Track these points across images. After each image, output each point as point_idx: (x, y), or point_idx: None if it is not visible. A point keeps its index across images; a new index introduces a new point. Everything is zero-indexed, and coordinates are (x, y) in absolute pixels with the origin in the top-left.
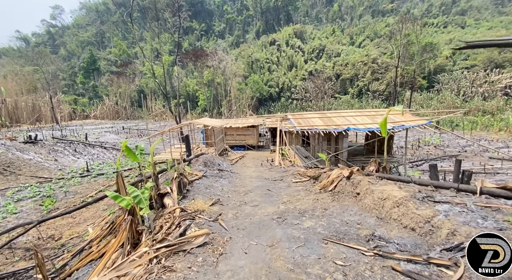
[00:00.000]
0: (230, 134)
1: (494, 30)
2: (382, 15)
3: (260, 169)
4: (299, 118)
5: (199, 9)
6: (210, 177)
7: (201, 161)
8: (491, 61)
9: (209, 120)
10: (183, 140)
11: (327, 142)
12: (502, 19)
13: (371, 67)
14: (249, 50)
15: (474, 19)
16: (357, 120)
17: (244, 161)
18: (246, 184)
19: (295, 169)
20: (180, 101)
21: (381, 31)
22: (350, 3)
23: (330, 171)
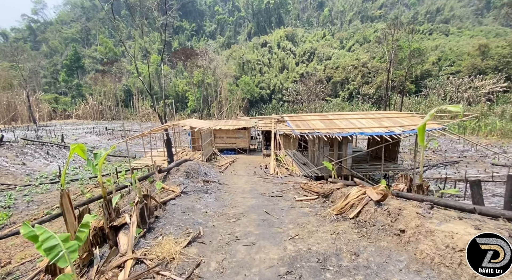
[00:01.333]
0: (220, 137)
1: (476, 38)
2: (371, 20)
3: (253, 178)
4: (297, 120)
5: (189, 9)
6: (192, 192)
7: (183, 170)
8: (475, 67)
9: (195, 121)
10: (169, 141)
11: (329, 147)
12: (482, 29)
13: (361, 71)
14: (241, 51)
15: (457, 27)
16: (362, 123)
17: (234, 167)
18: (237, 202)
19: (295, 180)
20: (169, 101)
21: (370, 36)
22: (340, 8)
23: (344, 187)
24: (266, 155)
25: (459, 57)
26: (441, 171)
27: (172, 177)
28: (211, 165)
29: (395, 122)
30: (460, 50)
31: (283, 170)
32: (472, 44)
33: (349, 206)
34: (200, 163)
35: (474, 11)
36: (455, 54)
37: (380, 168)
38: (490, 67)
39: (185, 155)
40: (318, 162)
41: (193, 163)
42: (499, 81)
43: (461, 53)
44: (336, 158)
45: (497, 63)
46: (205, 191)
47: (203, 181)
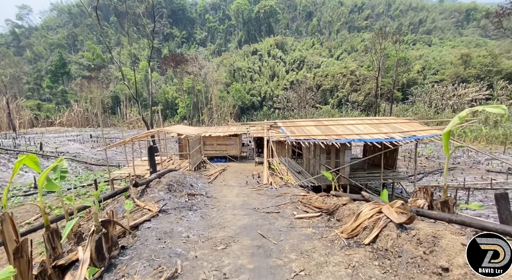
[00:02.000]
0: (210, 144)
1: (457, 48)
2: (357, 30)
3: (245, 189)
4: (291, 126)
5: (180, 16)
6: (173, 210)
7: (165, 182)
8: (458, 76)
9: (183, 128)
10: (152, 150)
11: (326, 155)
12: (463, 39)
13: (350, 78)
14: (231, 59)
15: (439, 38)
16: (360, 129)
17: (225, 176)
18: (227, 220)
19: (292, 192)
20: (159, 108)
21: (358, 45)
22: (328, 18)
23: (351, 202)
24: (258, 163)
25: (442, 66)
26: (437, 178)
27: (151, 191)
28: (199, 175)
29: (394, 128)
30: (443, 59)
31: (277, 179)
32: (454, 54)
33: (362, 228)
34: (187, 173)
35: (454, 22)
36: (439, 63)
37: (378, 176)
38: (472, 75)
39: (171, 164)
40: (314, 170)
41: (177, 174)
42: (481, 89)
43: (444, 62)
44: (333, 166)
45: (479, 71)
46: (189, 207)
47: (188, 195)
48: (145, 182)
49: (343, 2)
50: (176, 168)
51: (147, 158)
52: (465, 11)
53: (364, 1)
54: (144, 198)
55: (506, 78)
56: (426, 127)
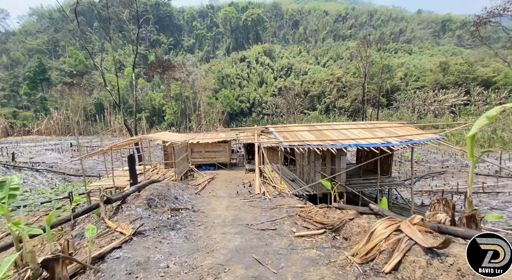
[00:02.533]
0: (198, 151)
1: (436, 57)
2: (342, 39)
3: (236, 201)
4: (284, 131)
5: (167, 23)
6: (152, 231)
7: (145, 196)
8: (438, 82)
9: (168, 134)
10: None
11: (321, 161)
12: (440, 48)
13: (336, 85)
14: (220, 66)
15: (418, 47)
16: (355, 134)
17: (214, 186)
18: (215, 242)
19: (287, 203)
20: (145, 115)
21: (343, 53)
22: (314, 27)
23: (358, 216)
24: (249, 170)
25: (423, 73)
26: (430, 182)
27: (127, 208)
28: (185, 185)
29: (389, 133)
30: (423, 67)
31: (270, 188)
32: (433, 61)
33: (378, 251)
34: (171, 184)
35: (432, 32)
36: (419, 71)
37: (375, 182)
38: (451, 82)
39: (156, 174)
40: (309, 178)
41: (161, 185)
42: (460, 95)
43: (424, 69)
44: (329, 173)
45: (456, 78)
46: (171, 226)
47: (171, 210)
48: (120, 197)
49: (328, 11)
50: (159, 179)
51: (140, 165)
52: (441, 22)
53: (347, 11)
54: (118, 216)
55: (482, 85)
56: (421, 131)
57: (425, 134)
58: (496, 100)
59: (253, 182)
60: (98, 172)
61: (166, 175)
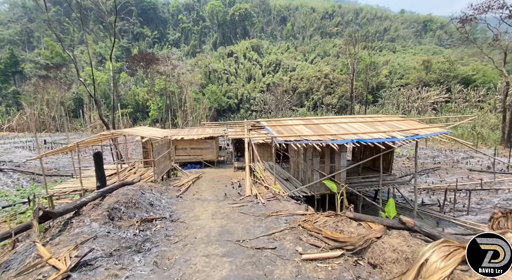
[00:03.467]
0: (182, 148)
1: (418, 55)
2: (329, 36)
3: (223, 205)
4: (277, 126)
5: (151, 15)
6: (106, 260)
7: (107, 206)
8: (421, 80)
9: (148, 129)
10: (99, 157)
11: (320, 158)
12: (422, 48)
13: (324, 82)
14: (206, 60)
15: (402, 46)
16: (355, 128)
17: (199, 186)
18: (195, 271)
19: (285, 208)
20: (128, 111)
21: (330, 50)
22: (301, 23)
23: (386, 233)
24: (238, 168)
25: (407, 71)
26: (425, 179)
27: (78, 224)
28: (165, 187)
29: (392, 127)
30: (407, 65)
31: (262, 190)
32: (416, 60)
33: None
34: (147, 187)
35: (414, 32)
36: (403, 69)
37: (376, 181)
38: (433, 80)
39: (133, 174)
40: (305, 177)
41: (132, 189)
42: (442, 93)
43: (408, 67)
44: (328, 172)
45: (438, 76)
46: (138, 246)
47: (140, 222)
48: (71, 208)
49: (315, 8)
50: (134, 180)
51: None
52: (423, 22)
53: (334, 8)
54: (62, 236)
55: (462, 83)
56: (426, 125)
57: (430, 128)
58: (475, 98)
59: (243, 182)
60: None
61: (145, 175)
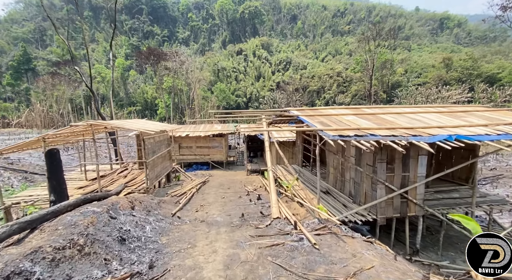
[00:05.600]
0: (188, 147)
1: (435, 54)
2: (341, 35)
3: (242, 238)
4: (317, 116)
5: (161, 14)
6: None
7: (18, 257)
8: (441, 79)
9: (139, 122)
10: (53, 156)
11: (387, 164)
12: (439, 46)
13: (337, 80)
14: (215, 58)
15: (417, 44)
16: (433, 120)
17: (205, 196)
18: None
19: (354, 253)
20: (137, 109)
21: (342, 48)
22: (312, 21)
23: None
24: (251, 171)
25: (425, 70)
26: (493, 190)
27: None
28: (158, 199)
29: (490, 119)
30: (424, 63)
31: (295, 207)
32: (434, 58)
33: None
34: (126, 204)
35: (430, 30)
36: (421, 67)
37: (459, 198)
38: (454, 78)
39: (123, 177)
40: (358, 190)
41: (94, 212)
42: (464, 92)
43: (426, 66)
44: (399, 184)
45: (460, 75)
46: None
47: None
48: None
49: (327, 6)
50: (111, 192)
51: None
52: (439, 20)
53: (346, 6)
54: None
55: (486, 81)
56: None
57: None
58: (501, 98)
59: (260, 190)
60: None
61: (137, 180)
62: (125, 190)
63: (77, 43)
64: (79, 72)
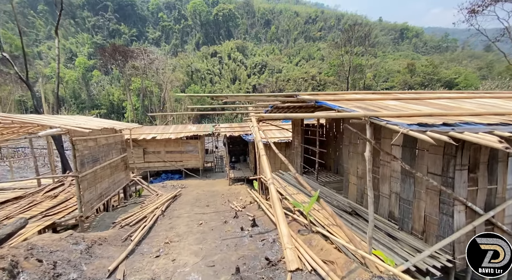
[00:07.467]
0: (155, 152)
1: (398, 60)
2: (313, 40)
3: None
4: (345, 101)
5: (129, 12)
6: None
7: None
8: (406, 83)
9: (72, 118)
10: None
11: (468, 173)
12: (401, 54)
13: (311, 83)
14: (189, 60)
15: (382, 51)
16: (501, 106)
17: (173, 222)
18: None
19: None
20: (101, 112)
21: (314, 54)
22: (285, 27)
23: None
24: (235, 180)
25: (391, 75)
26: None
27: None
28: (93, 238)
29: None
30: (391, 68)
31: (318, 244)
32: (399, 64)
33: None
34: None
35: (392, 39)
36: (387, 72)
37: None
38: (418, 83)
39: (51, 198)
40: (406, 212)
41: None
42: None
43: (392, 71)
44: (483, 204)
45: (423, 79)
46: None
47: None
48: None
49: (299, 13)
50: None
51: None
52: (400, 30)
53: (317, 13)
54: None
55: (445, 86)
56: None
57: None
58: None
59: (250, 207)
60: None
61: (73, 201)
62: (39, 223)
63: (29, 40)
64: (9, 61)
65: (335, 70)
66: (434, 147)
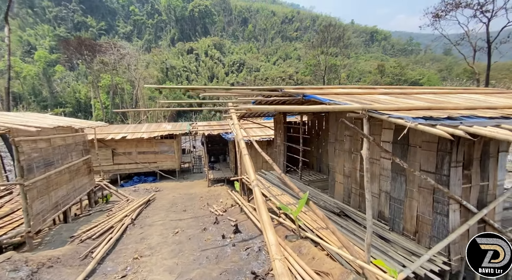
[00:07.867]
0: (125, 153)
1: (369, 62)
2: (289, 40)
3: None
4: (334, 95)
5: (96, 4)
6: None
7: None
8: (377, 83)
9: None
10: None
11: (463, 169)
12: (371, 55)
13: (289, 82)
14: (163, 56)
15: (354, 52)
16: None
17: (145, 231)
18: None
19: None
20: (66, 110)
21: (291, 53)
22: (263, 26)
23: None
24: (214, 181)
25: (363, 75)
26: None
27: None
28: (41, 260)
29: None
30: (363, 69)
31: (309, 252)
32: (370, 65)
33: None
34: None
35: (363, 41)
36: (360, 72)
37: None
38: (387, 83)
39: None
40: (397, 211)
41: None
42: None
43: (364, 71)
44: (475, 201)
45: (392, 80)
46: None
47: None
48: None
49: (276, 12)
50: None
51: None
52: (370, 33)
53: (293, 14)
54: None
55: (411, 86)
56: None
57: None
58: None
59: (232, 210)
60: None
61: (18, 213)
62: None
63: None
64: None
65: (311, 70)
66: (427, 143)
